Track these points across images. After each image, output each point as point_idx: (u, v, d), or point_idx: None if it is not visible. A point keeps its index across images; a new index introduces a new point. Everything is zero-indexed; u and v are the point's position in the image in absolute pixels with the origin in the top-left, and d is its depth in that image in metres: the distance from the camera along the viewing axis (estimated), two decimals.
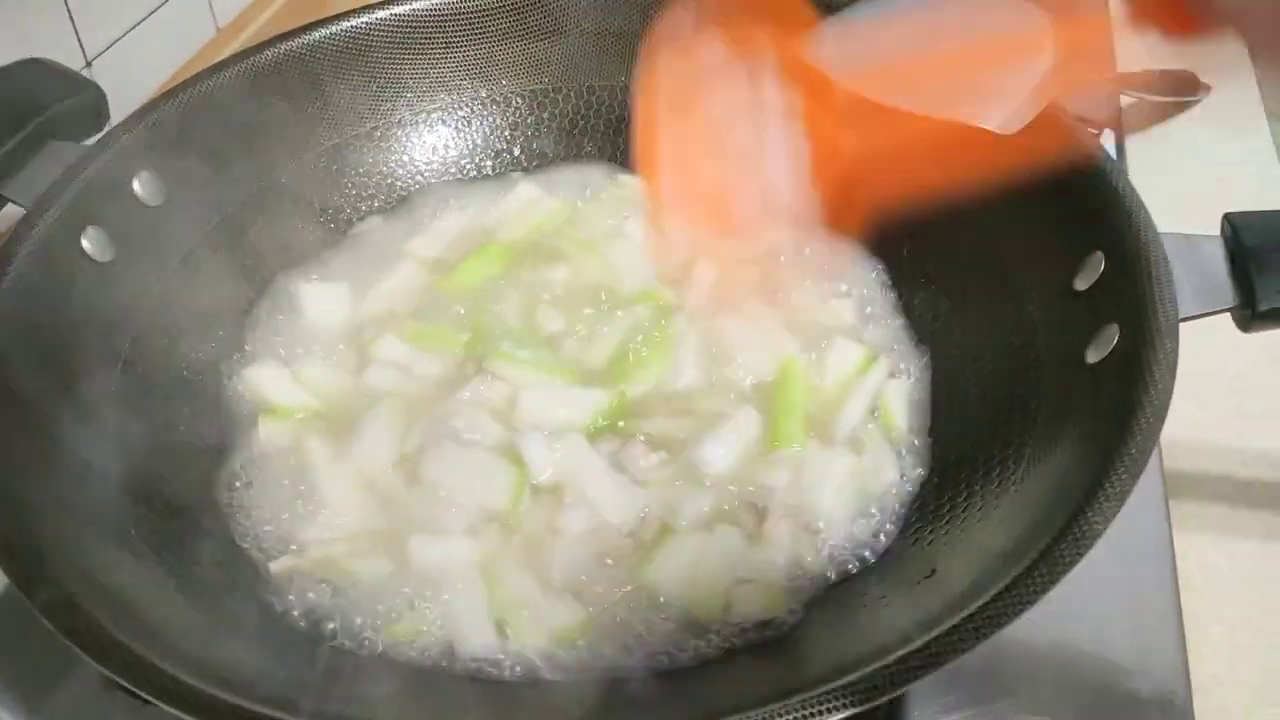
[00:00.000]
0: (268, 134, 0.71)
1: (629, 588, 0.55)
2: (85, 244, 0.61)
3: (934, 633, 0.42)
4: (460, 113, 0.79)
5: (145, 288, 0.63)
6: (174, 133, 0.66)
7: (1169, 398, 0.47)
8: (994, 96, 0.60)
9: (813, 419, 0.63)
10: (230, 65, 0.69)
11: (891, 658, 0.41)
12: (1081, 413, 0.52)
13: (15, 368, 0.54)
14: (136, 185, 0.64)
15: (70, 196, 0.60)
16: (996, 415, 0.59)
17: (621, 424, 0.62)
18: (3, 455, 0.50)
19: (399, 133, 0.77)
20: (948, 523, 0.56)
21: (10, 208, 0.63)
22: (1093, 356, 0.53)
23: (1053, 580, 0.42)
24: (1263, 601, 0.63)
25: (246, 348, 0.67)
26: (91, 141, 0.65)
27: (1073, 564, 0.43)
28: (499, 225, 0.74)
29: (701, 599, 0.54)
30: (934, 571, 0.51)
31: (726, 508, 0.58)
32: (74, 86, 0.68)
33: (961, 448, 0.60)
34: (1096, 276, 0.56)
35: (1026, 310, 0.60)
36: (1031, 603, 0.42)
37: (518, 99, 0.79)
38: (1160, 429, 0.46)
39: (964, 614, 0.42)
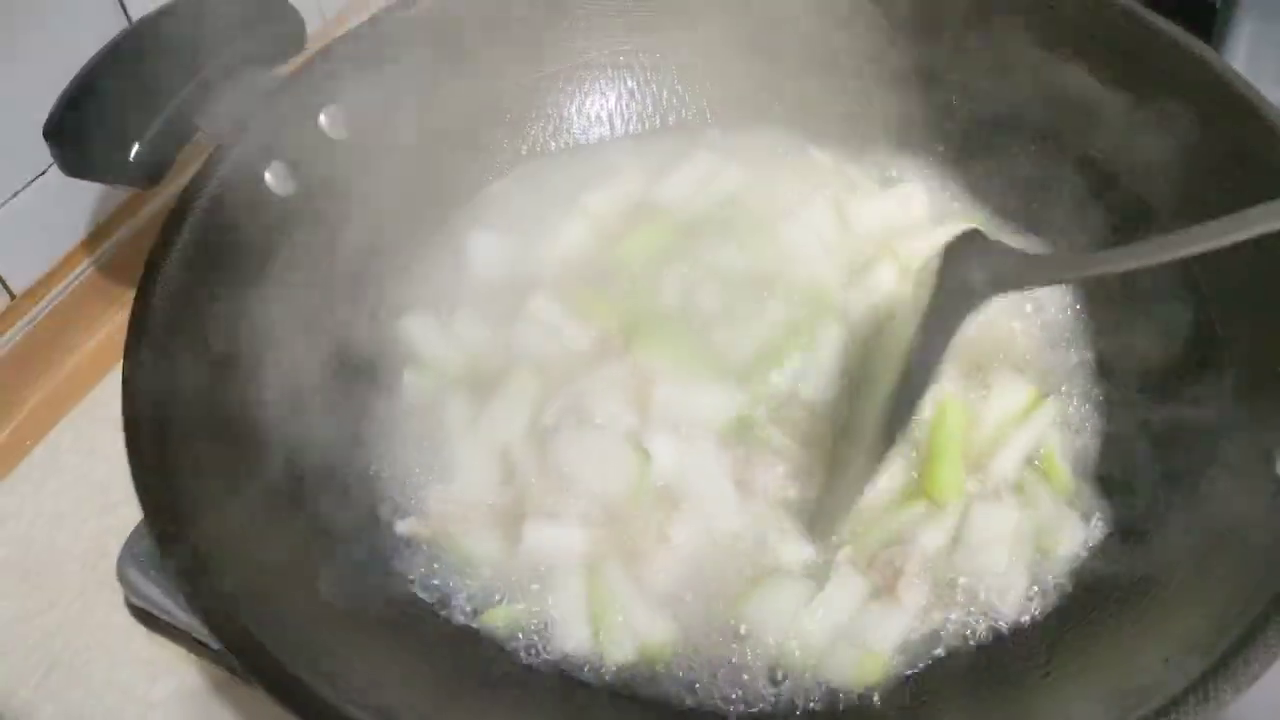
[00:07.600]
0: (455, 70, 0.70)
1: (723, 615, 0.54)
2: (268, 177, 0.62)
3: None
4: (650, 58, 0.75)
5: (319, 223, 0.64)
6: (364, 68, 0.65)
7: None
8: None
9: (966, 465, 0.58)
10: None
11: None
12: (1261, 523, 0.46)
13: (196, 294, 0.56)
14: (323, 119, 0.65)
15: (257, 130, 0.61)
16: (1168, 479, 0.54)
17: (755, 431, 0.59)
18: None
19: (585, 75, 0.75)
20: (1118, 601, 0.51)
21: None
22: None
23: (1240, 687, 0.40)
24: None
25: (407, 292, 0.67)
26: (284, 70, 0.66)
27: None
28: (674, 194, 0.71)
29: (793, 649, 0.53)
30: (1094, 655, 0.48)
31: (849, 555, 0.55)
32: (276, 12, 0.68)
33: (1131, 511, 0.55)
34: None
35: (1224, 382, 0.54)
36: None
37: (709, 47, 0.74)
38: None
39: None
